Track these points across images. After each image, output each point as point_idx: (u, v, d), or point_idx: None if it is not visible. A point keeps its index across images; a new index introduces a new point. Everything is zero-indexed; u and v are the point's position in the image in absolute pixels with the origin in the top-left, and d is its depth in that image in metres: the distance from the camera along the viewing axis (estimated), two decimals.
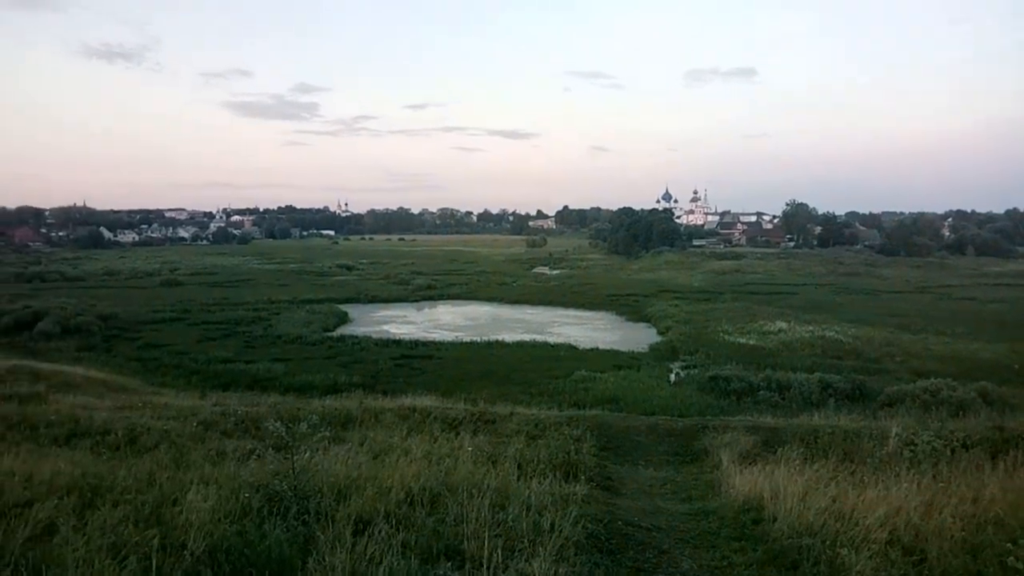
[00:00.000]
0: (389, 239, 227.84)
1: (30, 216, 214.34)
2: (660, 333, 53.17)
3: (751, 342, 46.93)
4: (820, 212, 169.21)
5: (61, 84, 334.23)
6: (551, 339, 48.97)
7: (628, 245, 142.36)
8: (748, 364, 37.78)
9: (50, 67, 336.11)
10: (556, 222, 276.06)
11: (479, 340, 47.87)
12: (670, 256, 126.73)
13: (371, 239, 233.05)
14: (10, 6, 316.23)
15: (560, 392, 31.95)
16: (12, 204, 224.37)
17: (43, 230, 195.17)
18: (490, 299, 74.41)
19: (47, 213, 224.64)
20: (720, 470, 11.85)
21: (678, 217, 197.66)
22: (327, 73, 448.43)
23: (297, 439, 8.95)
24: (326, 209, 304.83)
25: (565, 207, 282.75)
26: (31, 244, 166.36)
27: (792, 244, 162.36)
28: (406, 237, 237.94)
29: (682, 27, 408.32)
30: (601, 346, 46.39)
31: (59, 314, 50.85)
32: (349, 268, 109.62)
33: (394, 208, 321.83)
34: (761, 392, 31.55)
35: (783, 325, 52.31)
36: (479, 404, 20.85)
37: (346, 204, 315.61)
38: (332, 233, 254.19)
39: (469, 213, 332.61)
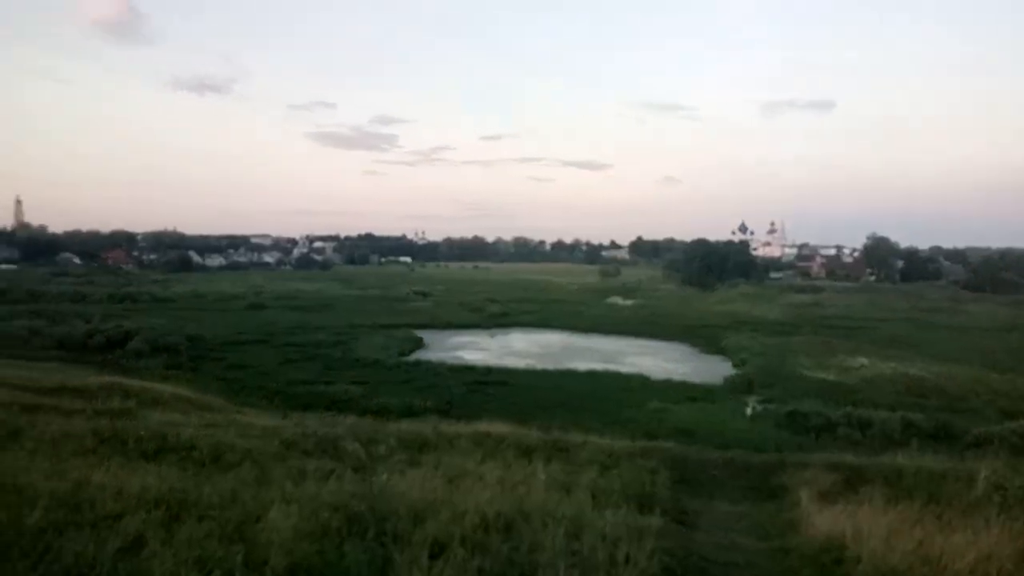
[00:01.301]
0: (464, 266, 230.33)
1: (123, 240, 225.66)
2: (735, 366, 51.99)
3: (830, 377, 45.43)
4: (902, 246, 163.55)
5: (154, 115, 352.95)
6: (624, 369, 48.44)
7: (703, 276, 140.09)
8: (827, 400, 36.57)
9: (144, 99, 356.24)
10: (629, 252, 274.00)
11: (552, 368, 47.77)
12: (746, 288, 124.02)
13: (446, 266, 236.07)
14: (108, 41, 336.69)
15: (633, 422, 31.52)
16: (107, 228, 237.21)
17: (135, 253, 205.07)
18: (563, 327, 74.21)
19: (139, 237, 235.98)
20: (799, 508, 11.45)
21: (754, 249, 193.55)
22: (406, 105, 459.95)
23: (375, 461, 9.11)
24: (404, 237, 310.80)
25: (638, 237, 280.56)
26: (124, 266, 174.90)
27: (873, 278, 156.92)
28: (480, 265, 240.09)
29: (759, 59, 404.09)
30: (675, 377, 45.66)
31: (149, 334, 53.17)
32: (425, 294, 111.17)
33: (469, 237, 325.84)
34: (841, 429, 30.46)
35: (864, 360, 50.50)
36: (552, 432, 20.76)
37: (423, 232, 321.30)
38: (409, 260, 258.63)
39: (542, 242, 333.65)
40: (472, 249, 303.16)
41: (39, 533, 6.32)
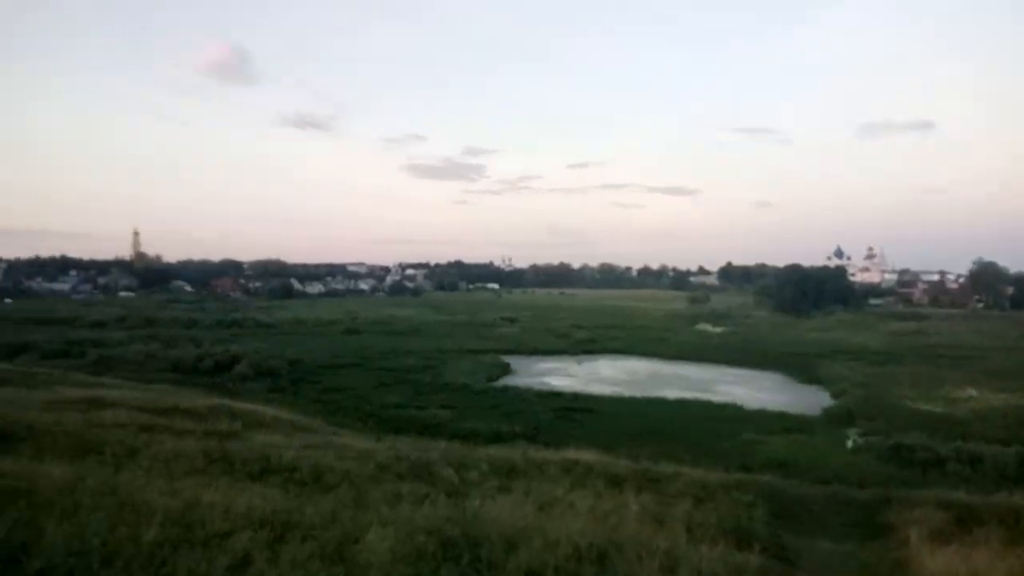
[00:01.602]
0: (550, 293, 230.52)
1: (231, 269, 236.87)
2: (834, 396, 49.98)
3: (937, 409, 43.08)
4: (1011, 271, 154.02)
5: (260, 151, 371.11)
6: (715, 398, 47.34)
7: (797, 303, 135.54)
8: (934, 433, 34.66)
9: (251, 136, 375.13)
10: (719, 278, 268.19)
11: (639, 396, 47.15)
12: (843, 315, 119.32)
13: (533, 293, 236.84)
14: (220, 83, 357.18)
15: (726, 454, 30.73)
16: (217, 258, 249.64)
17: (242, 281, 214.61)
18: (650, 355, 73.20)
19: (246, 266, 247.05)
20: (909, 548, 10.91)
21: (852, 275, 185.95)
22: (494, 136, 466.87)
23: (467, 486, 9.24)
24: (491, 264, 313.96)
25: (728, 263, 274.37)
26: (231, 294, 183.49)
27: (981, 305, 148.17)
28: (566, 291, 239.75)
29: (854, 80, 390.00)
30: (769, 407, 44.25)
31: (253, 358, 55.57)
32: (512, 320, 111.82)
33: (555, 263, 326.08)
34: (950, 464, 28.80)
35: (973, 392, 47.77)
36: (642, 461, 20.48)
37: (510, 259, 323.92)
38: (496, 287, 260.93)
39: (629, 268, 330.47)
40: (558, 276, 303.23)
41: (155, 549, 6.71)
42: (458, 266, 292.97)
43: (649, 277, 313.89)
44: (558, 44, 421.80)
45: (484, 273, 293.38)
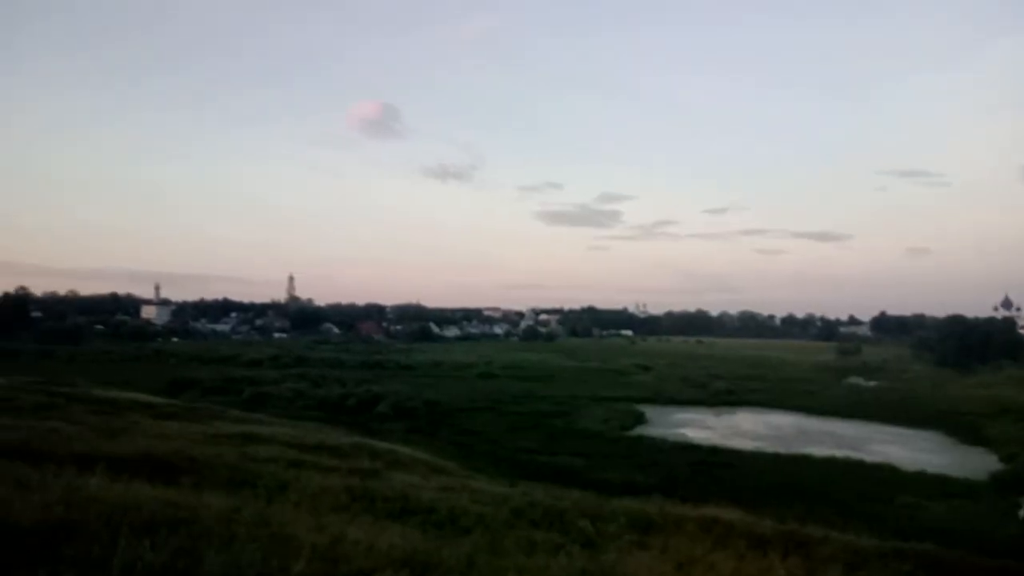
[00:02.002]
0: (686, 340, 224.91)
1: (375, 312, 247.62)
2: (1002, 460, 45.52)
3: None
4: None
5: (403, 200, 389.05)
6: (867, 457, 44.26)
7: (959, 357, 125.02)
8: None
9: (395, 186, 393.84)
10: (871, 329, 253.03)
11: (784, 452, 44.90)
12: (1013, 371, 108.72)
13: (668, 340, 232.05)
14: (369, 137, 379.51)
15: (880, 518, 28.55)
16: (362, 301, 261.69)
17: (384, 324, 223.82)
18: (795, 409, 69.55)
19: (388, 310, 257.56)
20: None
21: (1021, 327, 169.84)
22: (630, 182, 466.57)
23: (604, 538, 9.07)
24: (625, 310, 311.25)
25: (882, 313, 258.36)
26: (374, 336, 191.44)
27: None
28: (704, 339, 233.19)
29: (1016, 120, 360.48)
30: (928, 469, 40.86)
31: (393, 398, 57.57)
32: (646, 368, 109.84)
33: (692, 310, 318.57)
34: None
35: None
36: (787, 522, 19.36)
37: (644, 305, 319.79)
38: (630, 333, 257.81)
39: (772, 317, 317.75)
40: (695, 323, 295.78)
41: None
42: (591, 312, 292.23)
43: (794, 326, 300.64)
44: (695, 90, 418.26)
45: (618, 319, 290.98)
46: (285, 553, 7.82)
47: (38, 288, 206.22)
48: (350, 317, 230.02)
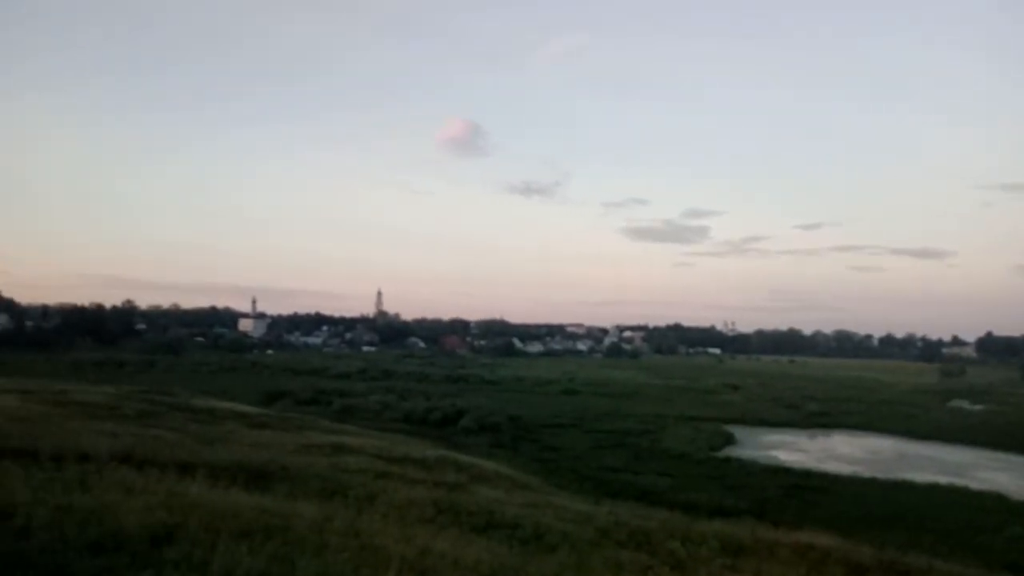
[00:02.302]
0: (777, 360, 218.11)
1: (459, 327, 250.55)
2: None
3: None
4: None
5: (488, 217, 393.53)
6: (973, 484, 41.77)
7: None
8: None
9: (480, 204, 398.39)
10: (976, 350, 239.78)
11: (882, 477, 42.85)
12: None
13: (758, 359, 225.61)
14: (455, 155, 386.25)
15: (987, 549, 26.99)
16: (447, 316, 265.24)
17: (468, 339, 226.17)
18: (894, 432, 66.28)
19: (472, 325, 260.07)
20: None
21: None
22: (718, 198, 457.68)
23: (694, 561, 8.81)
24: (712, 328, 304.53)
25: (988, 333, 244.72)
26: (458, 351, 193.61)
27: None
28: (796, 359, 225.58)
29: None
30: None
31: (477, 413, 57.94)
32: (735, 388, 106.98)
33: (783, 328, 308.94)
34: None
35: None
36: (887, 550, 18.42)
37: (733, 323, 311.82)
38: (718, 351, 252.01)
39: (869, 336, 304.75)
40: (787, 342, 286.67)
41: None
42: (677, 329, 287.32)
43: (893, 346, 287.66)
44: (786, 103, 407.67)
45: (705, 337, 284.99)
46: (375, 563, 7.93)
47: (143, 301, 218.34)
48: (435, 332, 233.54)
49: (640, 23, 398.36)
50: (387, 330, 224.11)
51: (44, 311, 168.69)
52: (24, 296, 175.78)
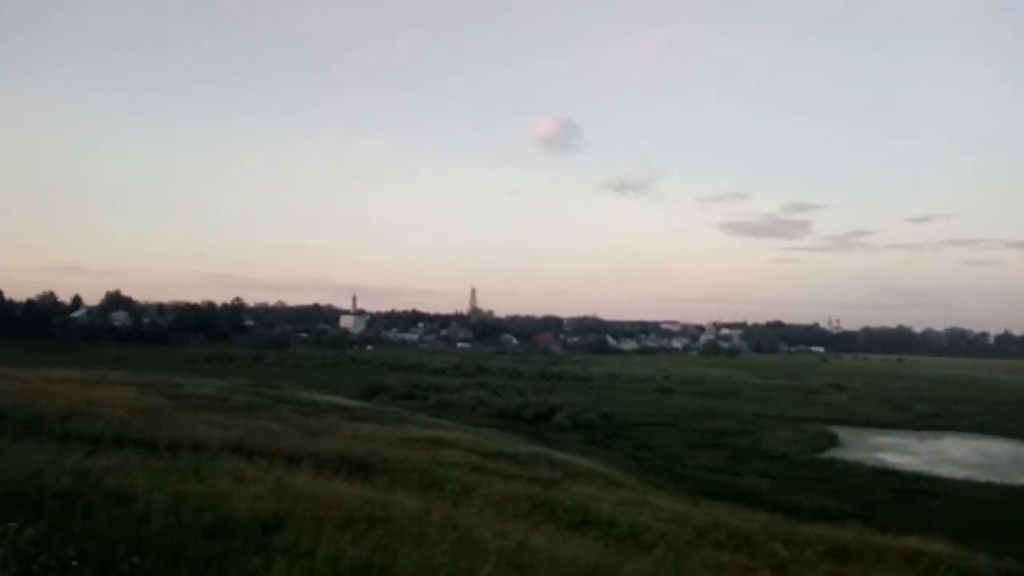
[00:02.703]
0: (886, 359, 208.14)
1: (552, 324, 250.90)
2: None
3: None
4: None
5: (581, 214, 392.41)
6: None
7: None
8: None
9: (574, 201, 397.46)
10: None
11: (1000, 482, 40.28)
12: None
13: (865, 358, 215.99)
14: (549, 153, 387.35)
15: None
16: (540, 313, 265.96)
17: (561, 336, 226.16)
18: (1015, 435, 62.07)
19: (565, 322, 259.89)
20: None
21: None
22: (822, 191, 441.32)
23: (798, 565, 8.51)
24: (815, 325, 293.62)
25: None
26: (551, 347, 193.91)
27: None
28: (905, 358, 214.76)
29: None
30: None
31: (570, 409, 57.86)
32: (840, 387, 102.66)
33: (892, 326, 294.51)
34: None
35: None
36: (1006, 560, 17.34)
37: (837, 320, 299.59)
38: (822, 350, 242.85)
39: (984, 334, 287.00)
40: (895, 340, 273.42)
41: None
42: (777, 327, 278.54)
43: (1011, 345, 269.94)
44: (893, 91, 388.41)
45: (807, 335, 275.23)
46: (472, 556, 8.02)
47: (251, 299, 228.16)
48: (528, 329, 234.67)
49: (736, 15, 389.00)
50: (481, 327, 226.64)
51: (160, 309, 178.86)
52: (142, 295, 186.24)
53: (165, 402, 29.54)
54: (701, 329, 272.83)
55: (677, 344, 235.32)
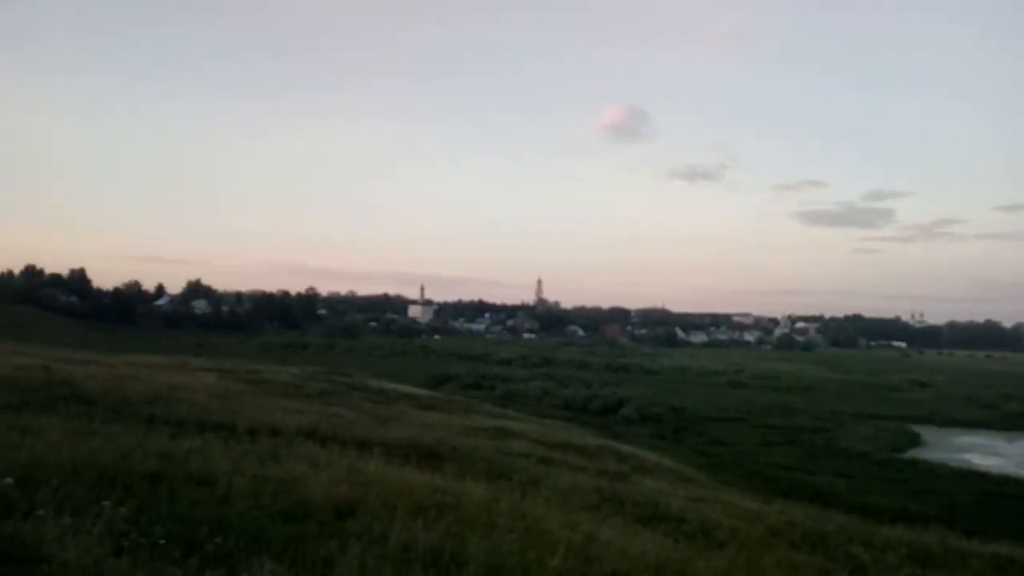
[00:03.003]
0: (972, 355, 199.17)
1: (619, 316, 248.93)
2: None
3: None
4: None
5: (649, 204, 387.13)
6: None
7: None
8: None
9: (642, 190, 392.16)
10: None
11: None
12: None
13: (950, 354, 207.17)
14: (615, 141, 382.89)
15: None
16: (606, 305, 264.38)
17: (628, 328, 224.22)
18: None
19: (632, 313, 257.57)
20: None
21: None
22: (904, 178, 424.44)
23: (878, 568, 8.23)
24: (897, 319, 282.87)
25: None
26: (618, 339, 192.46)
27: None
28: (994, 354, 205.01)
29: None
30: None
31: (638, 402, 57.36)
32: (922, 384, 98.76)
33: (979, 320, 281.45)
34: None
35: None
36: None
37: (921, 314, 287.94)
38: (903, 345, 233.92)
39: None
40: (983, 335, 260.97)
41: None
42: (856, 320, 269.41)
43: None
44: (980, 72, 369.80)
45: (888, 329, 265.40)
46: (541, 546, 8.02)
47: (324, 288, 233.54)
48: (595, 320, 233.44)
49: None
50: (547, 318, 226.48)
51: (238, 297, 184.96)
52: (221, 284, 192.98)
53: (243, 388, 30.57)
54: (775, 322, 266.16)
55: (750, 338, 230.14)
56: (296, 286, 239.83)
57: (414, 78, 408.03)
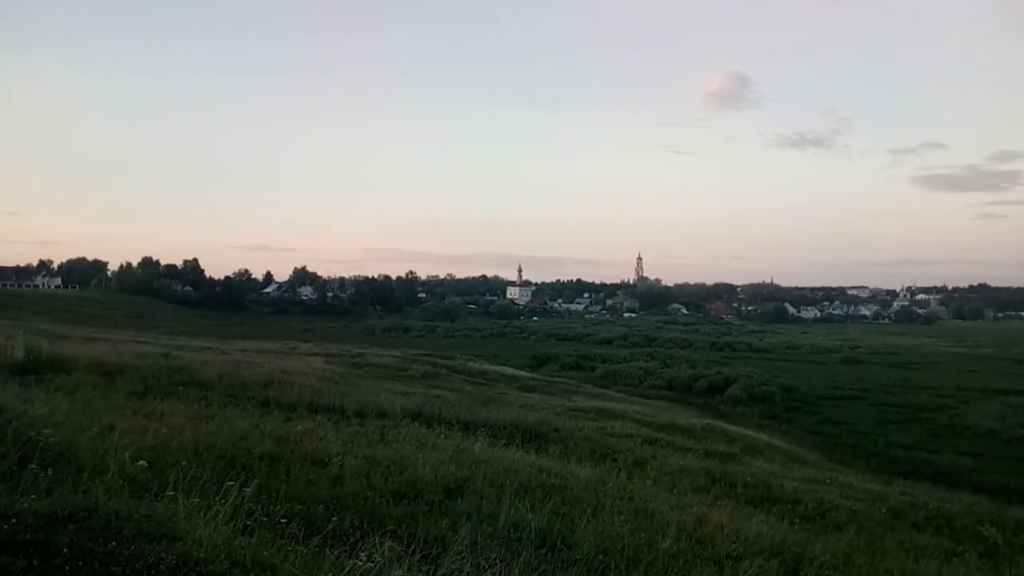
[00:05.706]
0: None
1: (724, 292, 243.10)
2: None
3: None
4: None
5: (755, 174, 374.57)
6: None
7: None
8: None
9: (748, 159, 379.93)
10: None
11: None
12: None
13: None
14: (719, 110, 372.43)
15: None
16: (710, 281, 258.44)
17: (734, 304, 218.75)
18: None
19: (738, 289, 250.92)
20: None
21: None
22: None
23: (1012, 550, 7.71)
24: None
25: None
26: (724, 316, 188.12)
27: None
28: None
29: None
30: None
31: (746, 382, 55.76)
32: None
33: None
34: None
35: None
36: None
37: None
38: None
39: None
40: None
41: (671, 559, 7.01)
42: (983, 290, 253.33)
43: None
44: None
45: (1017, 299, 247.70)
46: (651, 528, 7.94)
47: (423, 272, 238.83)
48: (699, 297, 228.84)
49: None
50: (648, 296, 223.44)
51: (341, 283, 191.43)
52: (325, 270, 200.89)
53: (350, 371, 31.62)
54: (894, 294, 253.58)
55: (866, 311, 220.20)
56: (396, 270, 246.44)
57: (510, 59, 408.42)
